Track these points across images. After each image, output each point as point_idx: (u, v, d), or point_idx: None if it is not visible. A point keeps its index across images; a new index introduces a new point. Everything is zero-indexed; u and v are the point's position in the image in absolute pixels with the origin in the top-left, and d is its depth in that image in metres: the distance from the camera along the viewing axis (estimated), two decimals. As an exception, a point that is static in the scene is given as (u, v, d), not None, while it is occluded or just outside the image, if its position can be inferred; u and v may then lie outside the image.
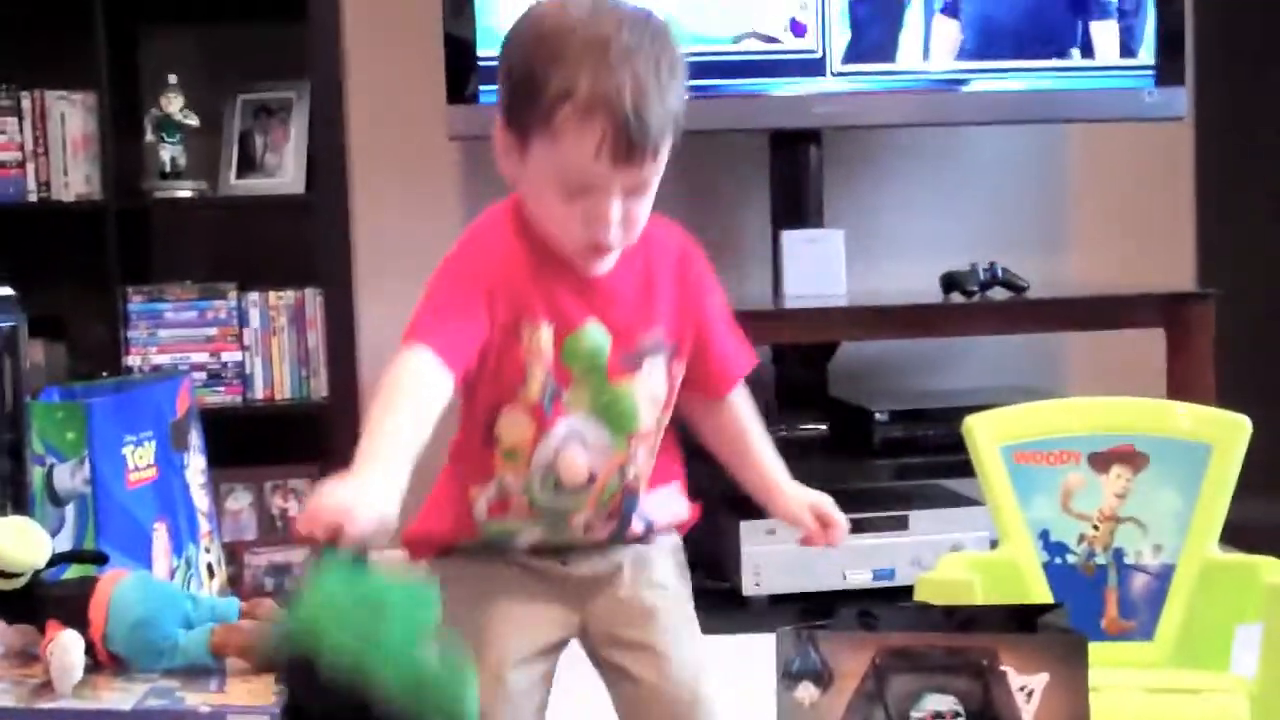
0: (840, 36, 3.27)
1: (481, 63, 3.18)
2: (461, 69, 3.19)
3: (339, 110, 3.27)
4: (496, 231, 1.60)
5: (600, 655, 1.66)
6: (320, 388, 3.27)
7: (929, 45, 3.30)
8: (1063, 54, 3.34)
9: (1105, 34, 3.35)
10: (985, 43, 3.32)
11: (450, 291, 1.55)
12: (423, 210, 3.59)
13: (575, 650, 1.69)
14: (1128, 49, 3.35)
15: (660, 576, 1.69)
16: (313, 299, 3.28)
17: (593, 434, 1.58)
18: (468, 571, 1.63)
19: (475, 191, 3.59)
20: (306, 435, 3.31)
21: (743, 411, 1.73)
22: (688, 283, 1.65)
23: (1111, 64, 3.36)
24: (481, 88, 3.19)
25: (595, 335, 1.56)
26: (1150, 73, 3.36)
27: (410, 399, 1.45)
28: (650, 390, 1.61)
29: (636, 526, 1.66)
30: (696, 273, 1.67)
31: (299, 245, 3.30)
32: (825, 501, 1.72)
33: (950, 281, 3.27)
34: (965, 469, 2.14)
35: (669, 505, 1.71)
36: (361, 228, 3.51)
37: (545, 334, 1.54)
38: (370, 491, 1.36)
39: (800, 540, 1.73)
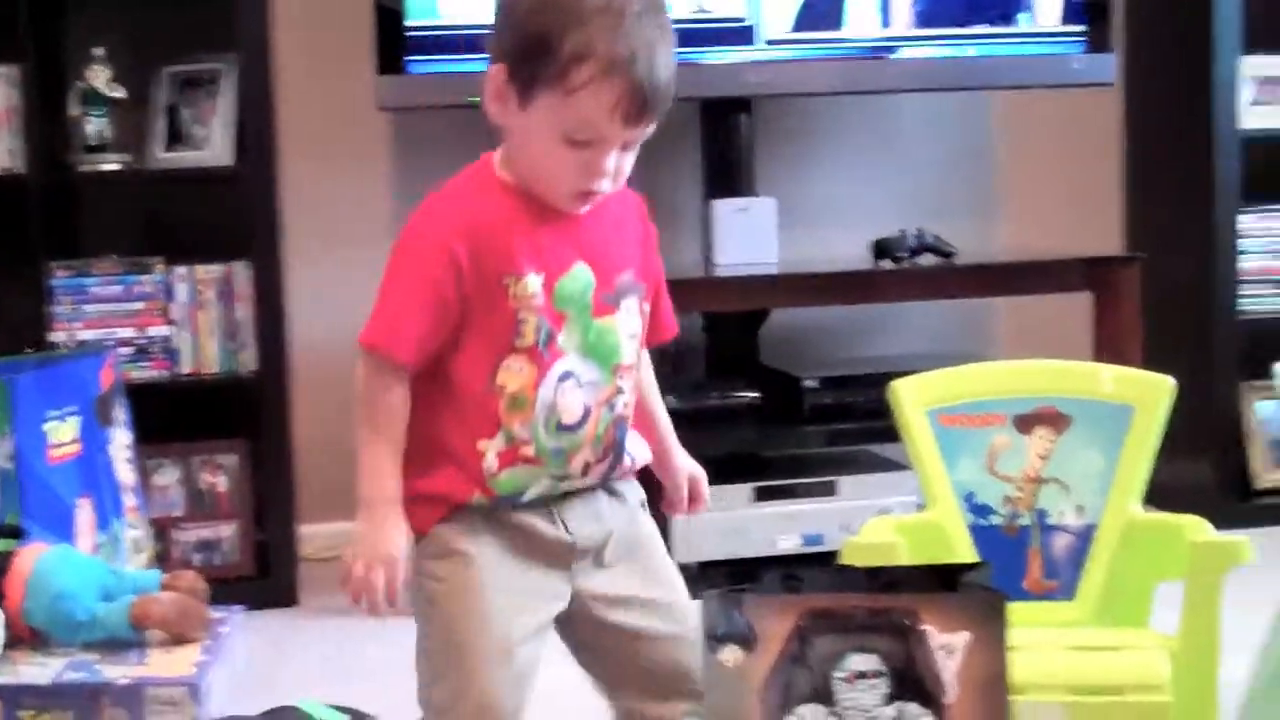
0: (772, 5, 3.27)
1: (411, 33, 3.16)
2: (391, 39, 3.16)
3: (267, 82, 3.23)
4: (468, 192, 1.66)
5: (600, 618, 1.70)
6: (249, 362, 3.23)
7: (861, 14, 3.31)
8: (991, 21, 3.36)
9: (1035, 1, 3.37)
10: (915, 11, 3.33)
11: (415, 275, 1.63)
12: (353, 182, 3.57)
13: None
14: (1056, 16, 3.37)
15: (646, 530, 1.77)
16: (241, 272, 3.24)
17: (584, 371, 1.65)
18: (473, 544, 1.65)
19: (406, 163, 3.58)
20: (235, 410, 3.29)
21: (648, 372, 1.81)
22: (648, 236, 1.76)
23: (1040, 31, 3.38)
24: (410, 58, 3.17)
25: (583, 276, 1.64)
26: (1079, 39, 3.39)
27: (398, 425, 1.64)
28: (628, 326, 1.68)
29: (625, 461, 1.72)
30: (652, 230, 1.77)
31: (227, 219, 3.27)
32: (702, 477, 1.85)
33: (880, 248, 3.28)
34: (894, 434, 2.16)
35: (639, 444, 1.77)
36: (291, 200, 3.47)
37: (533, 281, 1.60)
38: (397, 539, 1.60)
39: (664, 504, 1.84)
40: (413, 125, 3.53)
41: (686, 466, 1.84)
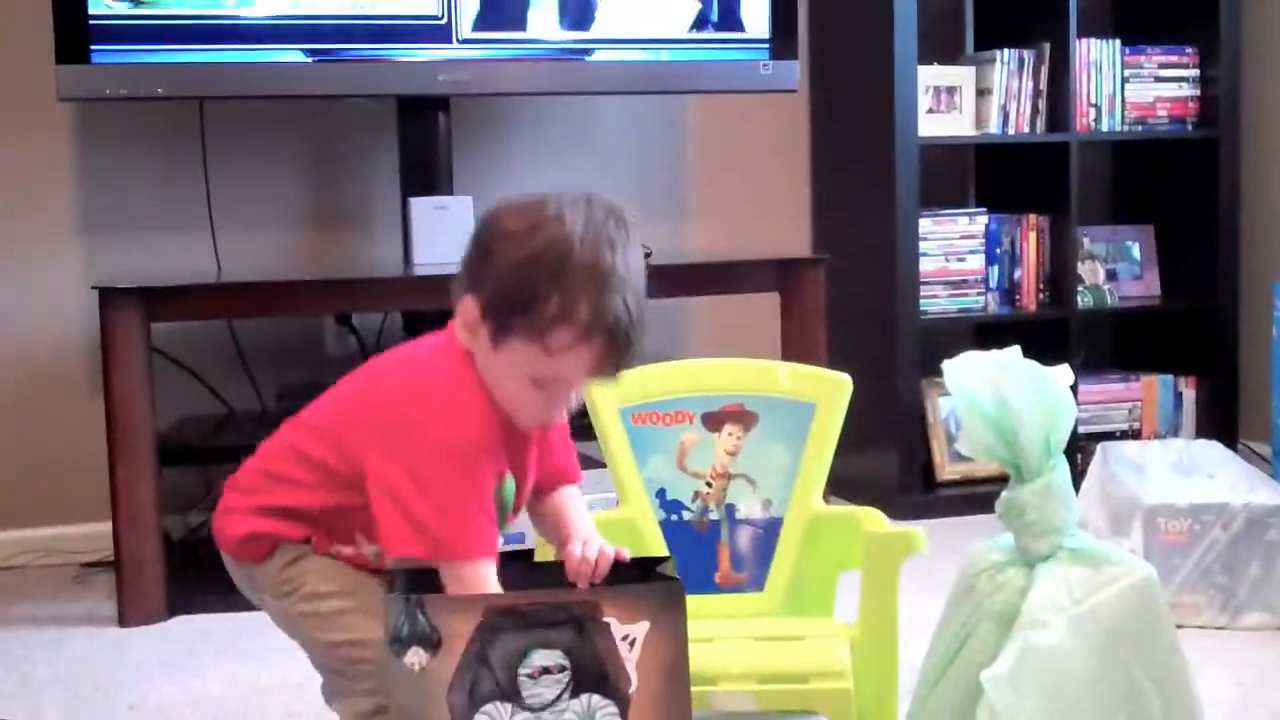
0: (468, 3, 3.27)
1: (93, 21, 3.05)
2: (72, 28, 3.04)
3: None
4: (468, 396, 1.62)
5: None
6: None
7: (553, 14, 3.33)
8: (684, 27, 3.43)
9: (723, 8, 3.45)
10: (609, 13, 3.37)
11: (475, 477, 1.59)
12: (32, 174, 3.42)
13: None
14: (743, 23, 3.46)
15: None
16: (-90, 269, 3.09)
17: None
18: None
19: (87, 154, 3.45)
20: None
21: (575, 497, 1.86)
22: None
23: (728, 38, 3.46)
24: (94, 47, 3.06)
25: (510, 485, 1.68)
26: (765, 46, 3.48)
27: None
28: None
29: None
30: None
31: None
32: (600, 549, 1.70)
33: (577, 248, 3.31)
34: (590, 431, 2.18)
35: None
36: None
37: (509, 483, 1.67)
38: None
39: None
40: (95, 115, 3.41)
41: (584, 536, 1.76)
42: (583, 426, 2.16)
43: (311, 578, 1.67)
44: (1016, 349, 1.77)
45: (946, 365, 1.77)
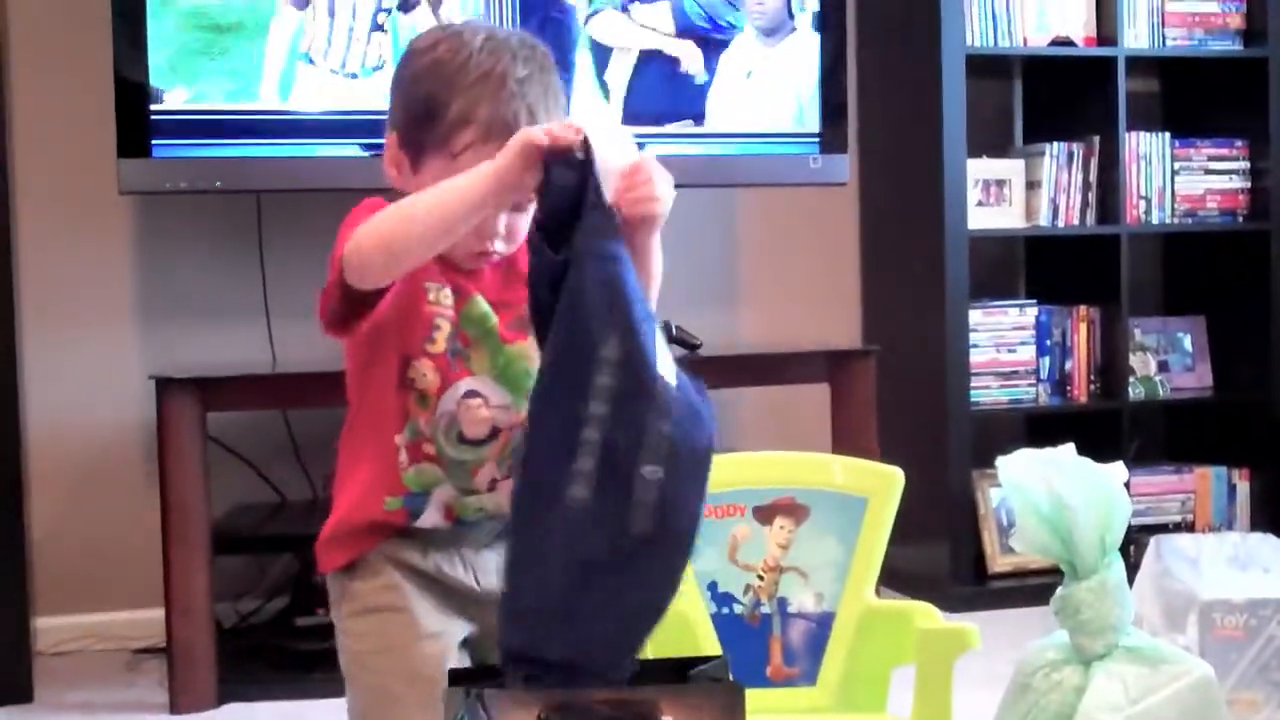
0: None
1: (155, 116, 3.11)
2: (133, 121, 3.11)
3: (5, 160, 3.13)
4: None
5: (489, 658, 1.70)
6: (-19, 447, 3.11)
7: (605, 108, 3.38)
8: (735, 122, 3.46)
9: (774, 104, 3.49)
10: (659, 109, 3.42)
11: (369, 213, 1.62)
12: (92, 263, 3.48)
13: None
14: (795, 119, 3.49)
15: None
16: (-26, 356, 3.13)
17: (494, 394, 1.68)
18: (391, 597, 1.68)
19: (147, 247, 3.51)
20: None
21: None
22: None
23: (779, 131, 3.49)
24: (155, 141, 3.12)
25: (481, 305, 1.67)
26: (815, 140, 3.51)
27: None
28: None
29: None
30: None
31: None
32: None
33: (628, 339, 3.32)
34: (639, 524, 2.17)
35: None
36: (27, 281, 3.38)
37: (447, 294, 1.65)
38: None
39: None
40: (156, 208, 3.47)
41: None
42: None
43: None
44: (1070, 446, 1.78)
45: (1000, 462, 1.77)
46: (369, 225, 1.57)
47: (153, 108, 3.11)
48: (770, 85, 3.48)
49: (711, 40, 3.45)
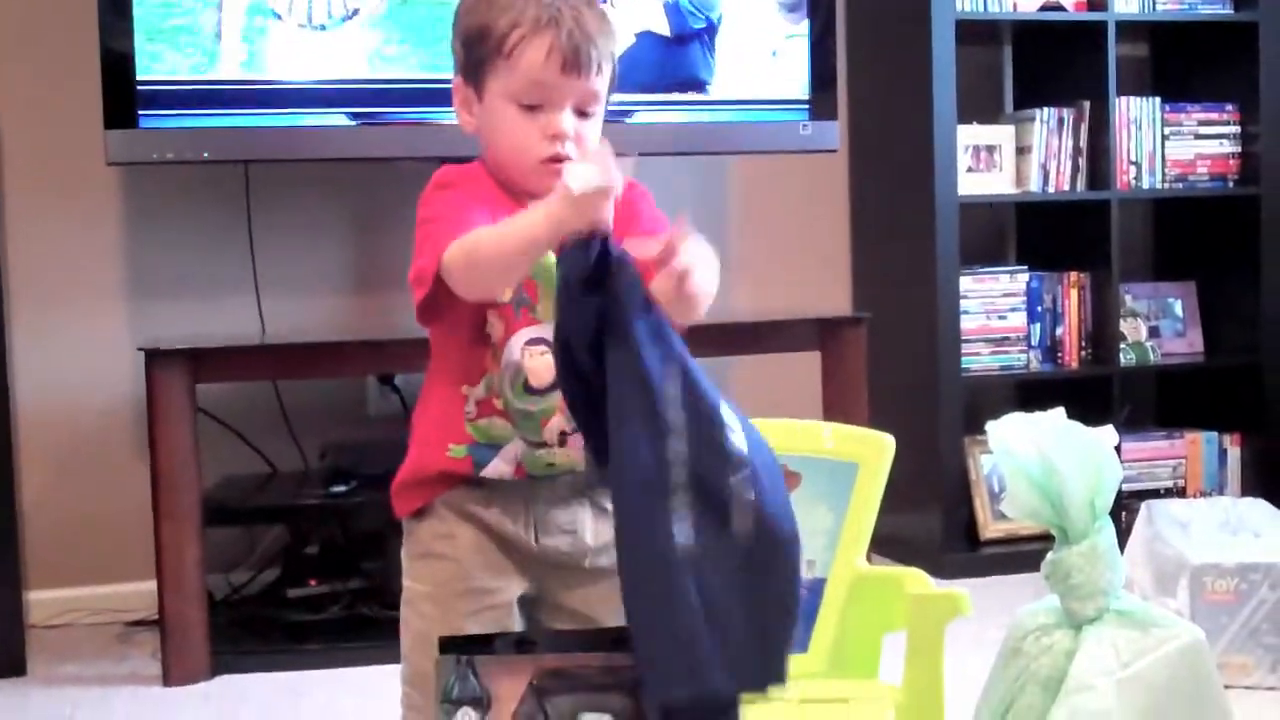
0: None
1: (141, 86, 3.10)
2: (120, 94, 3.09)
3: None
4: (471, 171, 1.73)
5: (544, 618, 1.75)
6: (-30, 423, 3.11)
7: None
8: (709, 79, 3.45)
9: (763, 71, 3.48)
10: (638, 71, 3.40)
11: (455, 206, 1.66)
12: (80, 236, 3.47)
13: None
14: (783, 84, 3.48)
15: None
16: (-39, 331, 3.12)
17: None
18: (449, 546, 1.70)
19: (135, 217, 3.50)
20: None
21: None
22: (627, 204, 1.74)
23: (768, 98, 3.48)
24: (141, 112, 3.10)
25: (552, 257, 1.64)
26: (805, 107, 3.50)
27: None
28: None
29: None
30: (635, 197, 1.81)
31: (-54, 275, 3.15)
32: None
33: (618, 308, 3.32)
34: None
35: None
36: (15, 255, 3.37)
37: None
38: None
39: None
40: (143, 179, 3.45)
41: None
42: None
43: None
44: (1061, 410, 1.77)
45: (990, 427, 1.77)
46: (453, 255, 1.58)
47: (139, 78, 3.09)
48: (760, 52, 3.47)
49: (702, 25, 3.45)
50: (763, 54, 3.47)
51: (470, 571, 1.70)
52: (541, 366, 1.68)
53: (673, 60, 3.43)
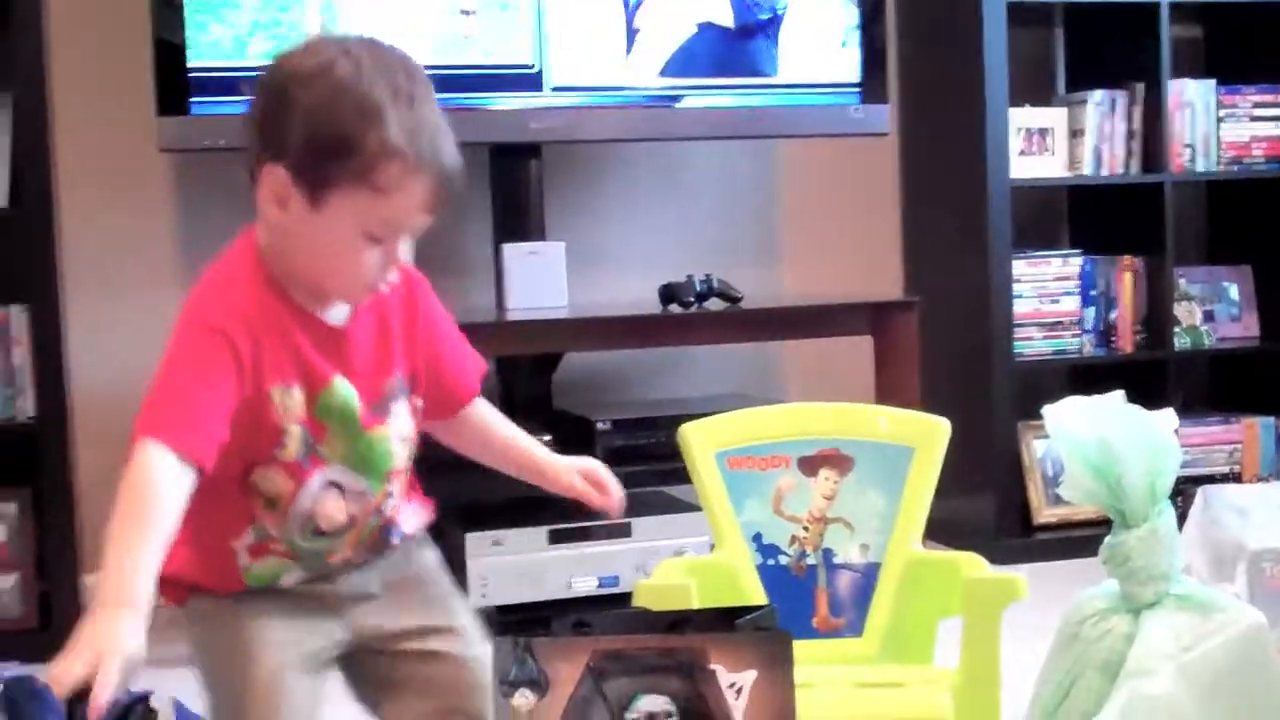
0: (558, 52, 3.30)
1: (193, 74, 3.11)
2: (172, 79, 3.11)
3: (44, 121, 3.14)
4: (242, 282, 1.57)
5: (390, 650, 1.70)
6: (27, 408, 3.14)
7: (647, 62, 3.36)
8: (773, 72, 3.44)
9: (814, 53, 3.46)
10: (698, 60, 3.40)
11: (192, 362, 1.53)
12: (133, 224, 3.49)
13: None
14: (835, 67, 3.47)
15: (425, 561, 1.76)
16: (18, 316, 3.15)
17: (350, 481, 1.63)
18: (225, 604, 1.64)
19: (187, 204, 3.51)
20: (14, 458, 3.18)
21: (484, 411, 1.81)
22: (415, 317, 1.69)
23: (819, 81, 3.47)
24: (193, 99, 3.12)
25: (343, 389, 1.59)
26: (856, 90, 3.48)
27: (152, 516, 1.43)
28: (400, 431, 1.66)
29: (394, 542, 1.71)
30: (423, 305, 1.71)
31: (2, 262, 3.17)
32: (594, 466, 1.80)
33: (668, 293, 3.32)
34: (686, 475, 2.18)
35: (416, 515, 1.76)
36: (69, 242, 3.40)
37: (296, 394, 1.56)
38: (122, 638, 1.35)
39: (583, 505, 1.79)
40: (194, 166, 3.47)
41: (572, 465, 1.81)
42: (682, 470, 2.17)
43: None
44: (1119, 393, 1.76)
45: (1048, 410, 1.76)
46: (134, 460, 1.48)
47: (190, 64, 3.11)
48: (811, 35, 3.45)
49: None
50: (831, 45, 3.45)
51: (270, 611, 1.64)
52: (335, 511, 1.62)
53: (734, 52, 3.42)
